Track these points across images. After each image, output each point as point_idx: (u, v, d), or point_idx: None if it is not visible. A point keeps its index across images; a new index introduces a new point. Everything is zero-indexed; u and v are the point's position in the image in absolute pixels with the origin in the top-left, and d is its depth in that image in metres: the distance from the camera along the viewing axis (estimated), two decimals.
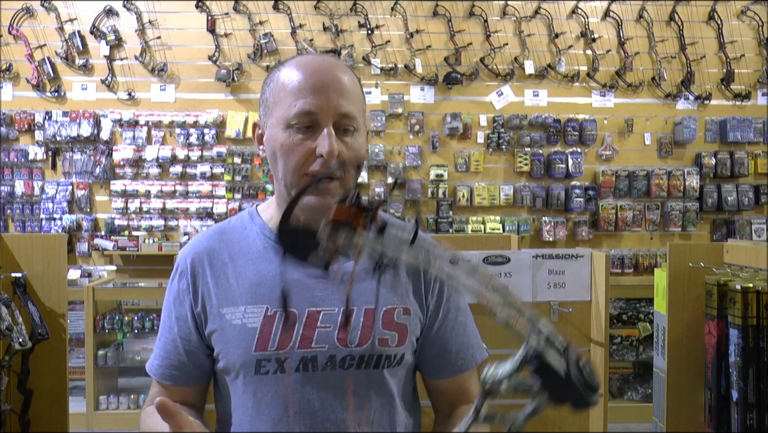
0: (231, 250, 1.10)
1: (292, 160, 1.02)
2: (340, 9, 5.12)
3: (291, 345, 1.02)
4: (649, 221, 5.24)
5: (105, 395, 4.23)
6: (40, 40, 5.03)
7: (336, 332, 1.02)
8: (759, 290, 1.88)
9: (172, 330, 1.11)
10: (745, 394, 1.88)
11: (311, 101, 1.00)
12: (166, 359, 1.12)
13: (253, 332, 1.03)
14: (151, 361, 1.14)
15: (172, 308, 1.11)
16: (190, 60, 5.10)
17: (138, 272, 5.04)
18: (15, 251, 2.51)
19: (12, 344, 2.29)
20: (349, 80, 1.04)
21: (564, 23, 5.24)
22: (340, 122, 1.01)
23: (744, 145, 5.30)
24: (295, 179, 1.03)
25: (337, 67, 1.05)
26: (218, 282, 1.08)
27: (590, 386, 0.68)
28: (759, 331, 1.88)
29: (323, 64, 1.04)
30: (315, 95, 1.00)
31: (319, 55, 1.09)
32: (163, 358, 1.12)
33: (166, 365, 1.12)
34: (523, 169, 5.19)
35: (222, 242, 1.12)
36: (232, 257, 1.09)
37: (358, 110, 1.05)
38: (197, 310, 1.09)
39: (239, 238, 1.12)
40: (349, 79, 1.05)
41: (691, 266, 2.16)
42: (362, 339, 1.03)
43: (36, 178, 5.05)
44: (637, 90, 5.28)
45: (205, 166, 5.05)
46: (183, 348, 1.10)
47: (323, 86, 1.01)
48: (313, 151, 1.00)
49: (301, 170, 1.02)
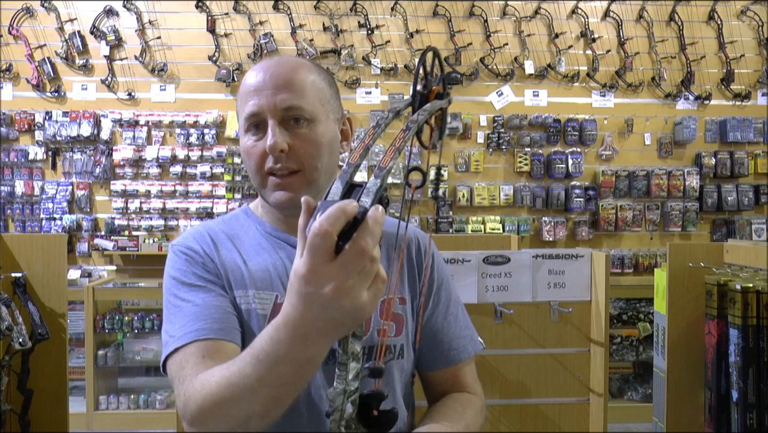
0: (234, 240, 1.10)
1: (252, 162, 1.04)
2: (340, 9, 5.12)
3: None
4: (649, 221, 5.25)
5: (105, 395, 4.23)
6: (40, 40, 5.03)
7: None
8: (759, 290, 1.88)
9: (207, 290, 1.02)
10: (745, 394, 1.88)
11: (255, 101, 1.02)
12: (209, 317, 0.99)
13: (263, 319, 1.02)
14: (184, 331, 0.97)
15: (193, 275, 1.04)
16: (190, 60, 5.10)
17: (138, 272, 5.04)
18: (15, 251, 2.51)
19: (12, 344, 2.29)
20: (298, 74, 1.04)
21: (564, 23, 5.24)
22: (287, 116, 1.02)
23: (744, 145, 5.30)
24: (258, 179, 1.05)
25: (285, 64, 1.05)
26: (226, 264, 1.06)
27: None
28: (759, 331, 1.88)
29: (269, 65, 1.05)
30: (258, 95, 1.02)
31: (275, 57, 1.09)
32: (205, 318, 0.98)
33: (220, 320, 0.99)
34: (523, 169, 5.19)
35: (224, 233, 1.11)
36: (236, 246, 1.09)
37: (312, 100, 1.03)
38: (222, 273, 1.05)
39: (240, 231, 1.12)
40: (300, 72, 1.04)
41: (691, 266, 2.16)
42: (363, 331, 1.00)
43: (36, 178, 5.05)
44: (637, 90, 5.28)
45: (205, 166, 5.05)
46: (225, 306, 1.01)
47: (265, 85, 1.02)
48: (265, 150, 1.02)
49: (261, 170, 1.04)
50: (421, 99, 0.88)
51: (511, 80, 5.23)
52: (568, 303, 2.36)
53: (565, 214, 5.23)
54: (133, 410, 4.24)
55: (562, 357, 2.40)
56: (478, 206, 5.16)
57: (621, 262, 5.17)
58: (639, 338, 4.37)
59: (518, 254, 2.33)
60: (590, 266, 2.34)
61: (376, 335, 1.04)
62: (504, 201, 5.16)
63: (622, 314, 4.42)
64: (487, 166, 5.20)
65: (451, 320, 1.14)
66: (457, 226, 5.10)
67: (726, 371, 1.97)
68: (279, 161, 1.01)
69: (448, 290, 1.15)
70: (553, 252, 2.35)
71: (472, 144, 5.21)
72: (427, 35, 5.16)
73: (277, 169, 1.02)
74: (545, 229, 5.16)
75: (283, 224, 1.11)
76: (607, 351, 2.33)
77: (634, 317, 4.40)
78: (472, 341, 1.16)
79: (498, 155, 5.22)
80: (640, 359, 4.44)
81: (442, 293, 1.14)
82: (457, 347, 1.13)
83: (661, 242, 5.25)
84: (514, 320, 2.37)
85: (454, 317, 1.15)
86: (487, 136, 5.19)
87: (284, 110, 1.01)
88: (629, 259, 5.19)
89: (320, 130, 1.04)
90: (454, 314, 1.15)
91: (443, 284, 1.15)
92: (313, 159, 1.02)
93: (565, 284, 2.33)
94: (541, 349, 2.39)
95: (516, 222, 5.15)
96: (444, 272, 1.18)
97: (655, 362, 2.33)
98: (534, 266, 2.30)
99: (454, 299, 1.16)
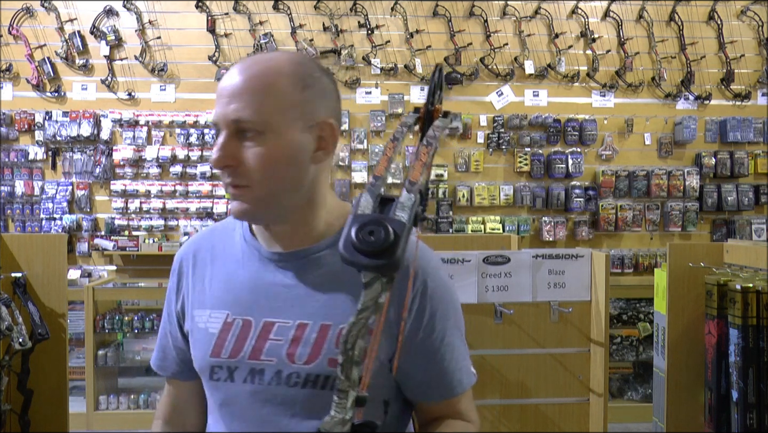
0: (214, 251, 1.10)
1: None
2: (340, 9, 5.12)
3: (242, 355, 0.99)
4: (649, 221, 5.24)
5: (105, 395, 4.23)
6: (40, 40, 5.03)
7: (286, 347, 0.97)
8: (759, 290, 1.88)
9: (165, 325, 1.16)
10: (745, 394, 1.88)
11: (215, 110, 0.96)
12: (161, 352, 1.17)
13: (212, 337, 1.02)
14: (153, 355, 1.19)
15: (166, 303, 1.16)
16: (190, 60, 5.10)
17: (138, 272, 5.03)
18: (15, 251, 2.51)
19: (12, 344, 2.29)
20: (258, 80, 0.94)
21: (564, 23, 5.24)
22: (236, 128, 0.94)
23: (744, 145, 5.30)
24: (225, 188, 1.06)
25: (251, 68, 0.96)
26: (196, 284, 1.09)
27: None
28: (759, 331, 1.88)
29: (240, 68, 0.96)
30: (218, 102, 0.96)
31: (253, 56, 1.00)
32: (159, 351, 1.18)
33: (162, 358, 1.17)
34: (523, 169, 5.19)
35: (210, 243, 1.12)
36: (212, 259, 1.09)
37: (268, 110, 0.93)
38: (178, 308, 1.12)
39: (224, 239, 1.11)
40: (262, 78, 0.94)
41: (691, 266, 2.16)
42: (311, 357, 0.96)
43: (36, 178, 5.05)
44: (637, 90, 5.28)
45: (205, 166, 5.05)
46: (172, 343, 1.15)
47: (223, 92, 0.95)
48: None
49: (223, 180, 0.99)
50: (428, 115, 0.88)
51: (511, 80, 5.23)
52: (568, 303, 2.36)
53: (565, 215, 5.23)
54: (133, 410, 4.24)
55: (562, 357, 2.40)
56: (478, 206, 5.16)
57: (621, 262, 5.17)
58: (639, 338, 4.37)
59: (518, 254, 2.33)
60: (590, 266, 2.34)
61: (326, 364, 0.95)
62: (504, 201, 5.16)
63: (622, 314, 4.42)
64: (487, 166, 5.20)
65: (446, 352, 1.02)
66: (457, 226, 5.10)
67: (726, 371, 1.97)
68: (228, 175, 0.95)
69: (445, 315, 1.02)
70: (553, 252, 2.36)
71: (472, 144, 5.21)
72: (427, 35, 5.16)
73: (227, 182, 0.96)
74: (545, 229, 5.16)
75: (256, 231, 1.06)
76: (607, 351, 2.33)
77: (634, 317, 4.40)
78: (467, 373, 1.06)
79: (498, 155, 5.22)
80: (640, 359, 4.44)
81: (438, 321, 1.01)
82: (451, 381, 1.03)
83: (661, 242, 5.25)
84: (514, 320, 2.37)
85: (450, 348, 1.03)
86: (487, 136, 5.19)
87: (233, 121, 0.93)
88: (629, 259, 5.19)
89: (274, 143, 0.94)
90: (450, 344, 1.03)
91: (441, 308, 1.02)
92: (262, 174, 0.94)
93: (565, 284, 2.33)
94: (541, 349, 2.39)
95: (516, 222, 5.15)
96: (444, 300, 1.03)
97: (655, 362, 2.34)
98: (534, 266, 2.30)
99: (451, 327, 1.03)
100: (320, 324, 0.97)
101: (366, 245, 0.66)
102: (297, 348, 0.97)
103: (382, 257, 0.64)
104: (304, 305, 0.98)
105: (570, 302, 2.36)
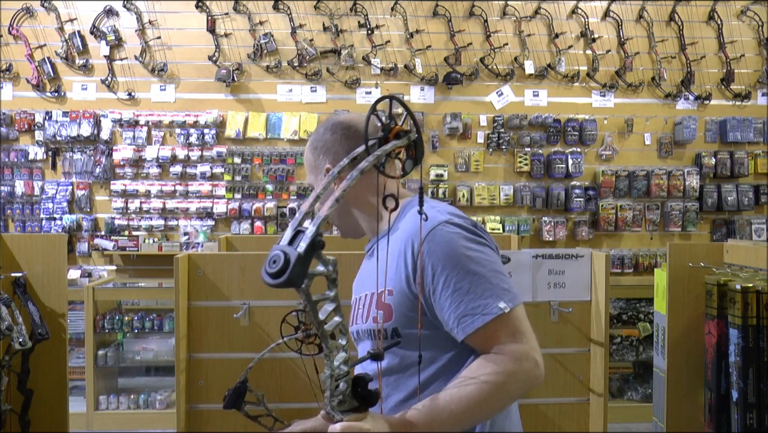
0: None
1: None
2: (340, 9, 5.12)
3: (350, 322, 1.38)
4: (649, 221, 5.25)
5: (105, 395, 4.23)
6: (40, 40, 5.03)
7: (356, 313, 1.36)
8: (759, 290, 1.88)
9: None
10: (745, 394, 1.88)
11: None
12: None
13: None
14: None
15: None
16: (190, 60, 5.10)
17: (138, 272, 5.04)
18: (15, 251, 2.51)
19: (12, 344, 2.29)
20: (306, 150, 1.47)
21: (564, 23, 5.24)
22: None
23: (744, 145, 5.30)
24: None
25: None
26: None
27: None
28: (759, 331, 1.88)
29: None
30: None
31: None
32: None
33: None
34: (523, 169, 5.19)
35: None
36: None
37: (308, 175, 1.47)
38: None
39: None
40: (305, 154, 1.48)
41: (691, 266, 2.16)
42: (364, 318, 1.32)
43: (36, 178, 5.05)
44: (637, 90, 5.28)
45: (205, 166, 5.05)
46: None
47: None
48: None
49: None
50: (380, 141, 1.06)
51: (511, 80, 5.23)
52: (568, 303, 2.36)
53: (565, 215, 5.23)
54: (133, 410, 4.24)
55: (562, 357, 2.40)
56: (478, 206, 5.16)
57: (621, 262, 5.17)
58: (639, 338, 4.37)
59: (518, 254, 2.33)
60: (590, 266, 2.34)
61: (371, 321, 1.29)
62: (504, 201, 5.16)
63: (622, 314, 4.42)
64: (487, 166, 5.20)
65: (457, 296, 1.18)
66: None
67: (726, 371, 1.97)
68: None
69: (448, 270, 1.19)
70: (553, 252, 2.36)
71: (472, 144, 5.21)
72: (427, 35, 5.16)
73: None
74: (545, 229, 5.16)
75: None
76: (607, 351, 2.33)
77: (634, 317, 4.40)
78: (485, 308, 1.17)
79: (498, 155, 5.22)
80: (640, 359, 4.44)
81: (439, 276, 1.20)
82: (471, 319, 1.17)
83: (661, 241, 5.25)
84: None
85: (462, 292, 1.18)
86: (487, 136, 5.19)
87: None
88: (629, 259, 5.19)
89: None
90: (462, 289, 1.19)
91: (445, 262, 1.20)
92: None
93: (565, 284, 2.33)
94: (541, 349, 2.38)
95: (516, 222, 5.15)
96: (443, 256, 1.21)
97: (655, 362, 2.34)
98: (534, 266, 2.30)
99: (461, 273, 1.19)
100: (368, 293, 1.34)
101: (269, 269, 0.88)
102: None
103: (279, 277, 0.87)
104: (372, 280, 1.32)
105: (570, 302, 2.36)
